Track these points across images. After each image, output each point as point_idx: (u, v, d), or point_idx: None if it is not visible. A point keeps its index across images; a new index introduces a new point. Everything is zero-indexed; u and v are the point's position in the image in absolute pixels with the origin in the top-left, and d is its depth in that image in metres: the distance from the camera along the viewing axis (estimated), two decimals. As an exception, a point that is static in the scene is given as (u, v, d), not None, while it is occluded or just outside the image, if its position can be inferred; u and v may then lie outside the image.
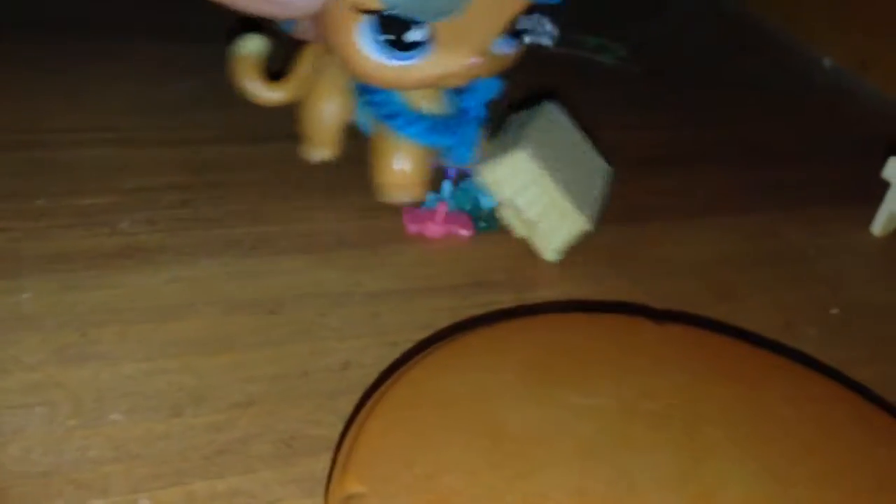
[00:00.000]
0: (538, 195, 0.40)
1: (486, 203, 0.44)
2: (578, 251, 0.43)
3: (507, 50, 0.40)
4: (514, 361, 0.32)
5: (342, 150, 0.46)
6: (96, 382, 0.32)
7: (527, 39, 0.66)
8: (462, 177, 0.45)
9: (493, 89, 0.43)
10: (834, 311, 0.42)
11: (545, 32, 0.66)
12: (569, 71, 0.63)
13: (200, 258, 0.38)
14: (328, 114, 0.45)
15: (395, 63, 0.37)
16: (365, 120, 0.44)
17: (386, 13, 0.35)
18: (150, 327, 0.34)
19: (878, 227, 0.49)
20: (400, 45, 0.37)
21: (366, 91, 0.42)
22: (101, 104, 0.49)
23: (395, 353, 0.35)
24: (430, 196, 0.44)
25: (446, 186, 0.44)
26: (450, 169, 0.46)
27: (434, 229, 0.42)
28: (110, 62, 0.53)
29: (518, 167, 0.39)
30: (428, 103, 0.42)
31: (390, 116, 0.41)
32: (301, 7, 0.35)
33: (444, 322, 0.37)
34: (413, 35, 0.36)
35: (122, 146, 0.45)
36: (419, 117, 0.41)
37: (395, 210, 0.44)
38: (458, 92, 0.42)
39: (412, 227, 0.42)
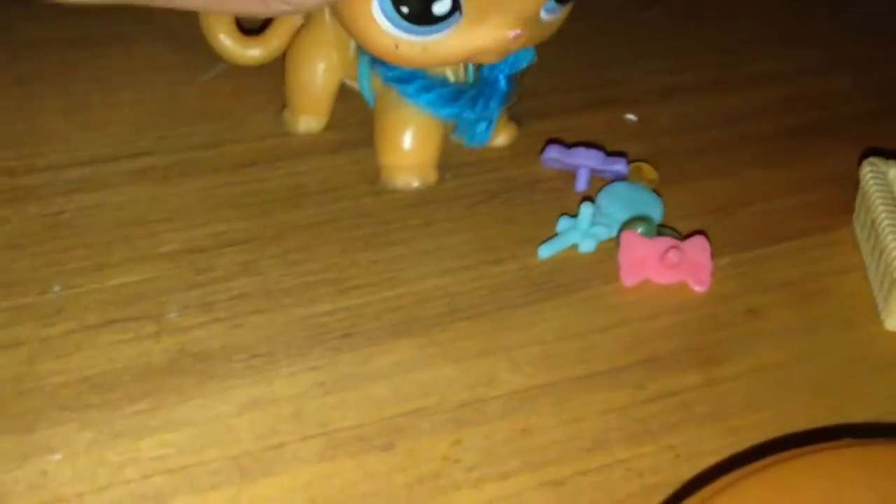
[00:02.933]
0: None
1: (653, 210, 0.34)
2: (756, 284, 0.33)
3: (551, 17, 0.31)
4: None
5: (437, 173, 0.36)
6: None
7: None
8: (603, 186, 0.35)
9: (526, 58, 0.34)
10: None
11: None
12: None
13: (280, 363, 0.28)
14: (317, 74, 0.36)
15: (418, 39, 0.30)
16: (368, 84, 0.35)
17: None
18: (230, 495, 0.25)
19: None
20: (422, 18, 0.29)
21: None
22: (109, 115, 0.37)
23: (561, 499, 0.26)
24: (564, 221, 0.34)
25: (586, 210, 0.33)
26: (580, 177, 0.36)
27: (664, 275, 0.32)
28: (107, 51, 0.41)
29: None
30: (449, 67, 0.33)
31: (403, 80, 0.33)
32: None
33: (615, 436, 0.27)
34: (438, 6, 0.29)
35: (148, 182, 0.34)
36: (438, 83, 0.33)
37: (520, 245, 0.33)
38: None
39: (630, 279, 0.32)
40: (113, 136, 0.36)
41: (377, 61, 0.33)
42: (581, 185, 0.35)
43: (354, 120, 0.37)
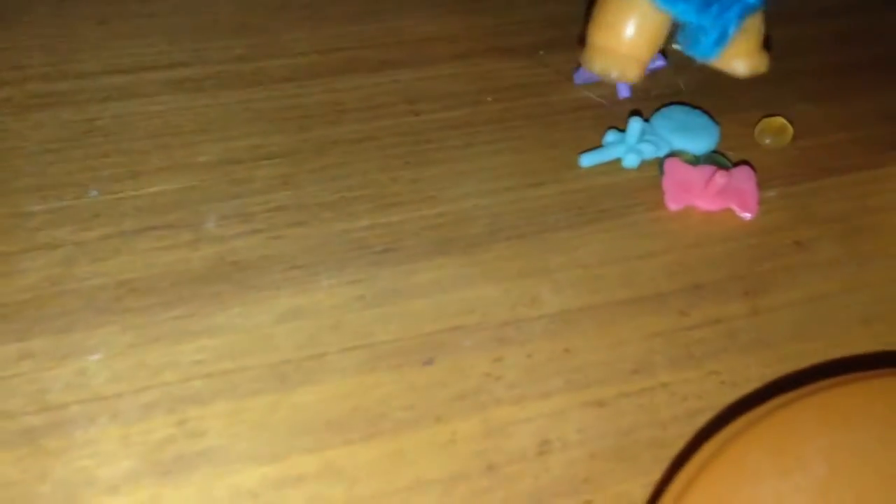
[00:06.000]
0: None
1: (708, 135, 0.33)
2: (803, 217, 0.32)
3: None
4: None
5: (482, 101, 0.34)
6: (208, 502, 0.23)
7: None
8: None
9: None
10: None
11: None
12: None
13: (320, 275, 0.28)
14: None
15: None
16: None
17: None
18: (269, 402, 0.25)
19: None
20: None
21: None
22: (144, 25, 0.36)
23: (603, 419, 0.25)
24: (610, 136, 0.33)
25: (634, 125, 0.32)
26: (622, 88, 0.35)
27: (710, 201, 0.31)
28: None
29: None
30: None
31: None
32: None
33: (659, 360, 0.27)
34: None
35: (184, 92, 0.34)
36: None
37: (562, 170, 0.32)
38: None
39: (675, 203, 0.31)
40: (148, 46, 0.35)
41: None
42: (624, 91, 0.34)
43: (394, 40, 0.36)
